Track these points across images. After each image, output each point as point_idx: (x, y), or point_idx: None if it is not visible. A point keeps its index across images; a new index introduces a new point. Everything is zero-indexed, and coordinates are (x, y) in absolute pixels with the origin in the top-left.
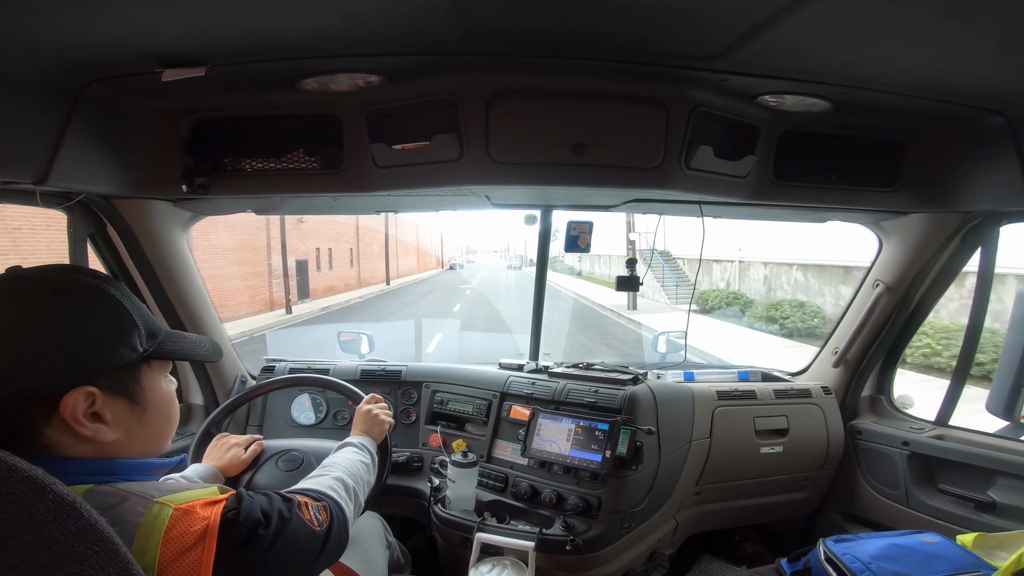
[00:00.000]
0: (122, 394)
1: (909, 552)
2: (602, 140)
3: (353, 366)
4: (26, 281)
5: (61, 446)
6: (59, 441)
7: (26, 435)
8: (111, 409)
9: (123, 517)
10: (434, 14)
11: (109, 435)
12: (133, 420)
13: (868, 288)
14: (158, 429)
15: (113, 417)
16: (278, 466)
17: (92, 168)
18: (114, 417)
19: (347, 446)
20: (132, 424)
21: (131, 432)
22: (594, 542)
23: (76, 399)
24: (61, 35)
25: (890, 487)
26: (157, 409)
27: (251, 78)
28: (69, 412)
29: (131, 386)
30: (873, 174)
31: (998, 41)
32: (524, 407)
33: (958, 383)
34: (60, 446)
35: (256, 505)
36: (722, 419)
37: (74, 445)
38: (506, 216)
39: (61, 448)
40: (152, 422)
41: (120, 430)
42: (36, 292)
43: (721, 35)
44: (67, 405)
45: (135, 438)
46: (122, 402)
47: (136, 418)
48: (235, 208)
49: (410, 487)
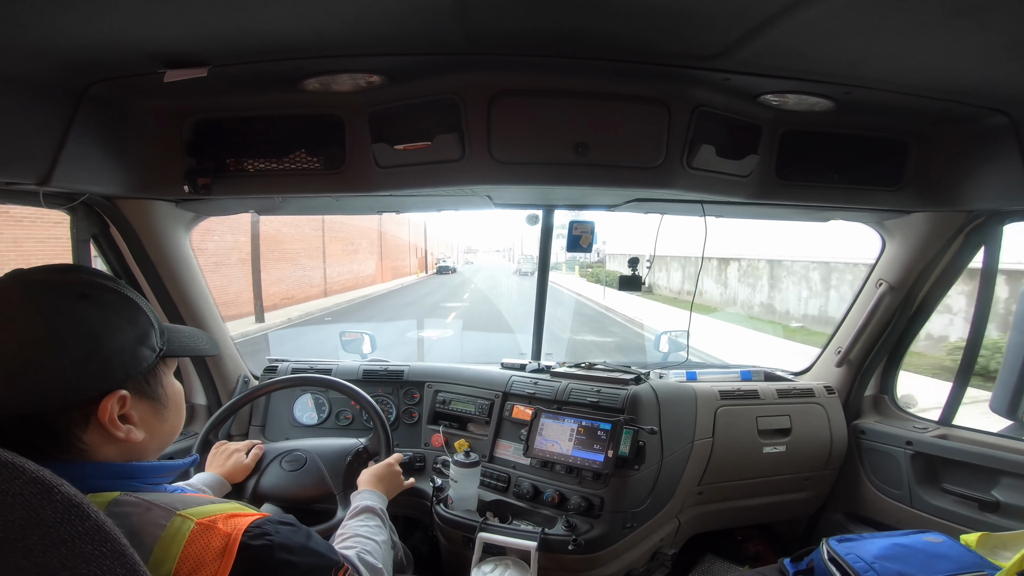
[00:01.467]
0: (147, 394)
1: (913, 552)
2: (604, 140)
3: (355, 366)
4: (46, 285)
5: (95, 450)
6: (94, 445)
7: (64, 440)
8: (138, 410)
9: (145, 528)
10: (436, 14)
11: (139, 435)
12: (155, 418)
13: (871, 287)
14: (175, 424)
15: (140, 418)
16: (282, 466)
17: (95, 169)
18: (140, 418)
19: (370, 513)
20: (154, 422)
21: (153, 430)
22: (596, 542)
23: (112, 404)
24: (64, 36)
25: (894, 487)
26: (174, 405)
27: (253, 78)
28: (108, 417)
29: (154, 386)
30: (876, 173)
31: (1002, 40)
32: (526, 407)
33: (961, 383)
34: (94, 450)
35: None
36: (725, 419)
37: (106, 448)
38: (511, 211)
39: (94, 452)
40: (170, 418)
41: (145, 430)
42: (64, 297)
43: (723, 34)
44: (105, 410)
45: (156, 435)
46: (146, 402)
47: (158, 416)
48: (237, 208)
49: (412, 487)
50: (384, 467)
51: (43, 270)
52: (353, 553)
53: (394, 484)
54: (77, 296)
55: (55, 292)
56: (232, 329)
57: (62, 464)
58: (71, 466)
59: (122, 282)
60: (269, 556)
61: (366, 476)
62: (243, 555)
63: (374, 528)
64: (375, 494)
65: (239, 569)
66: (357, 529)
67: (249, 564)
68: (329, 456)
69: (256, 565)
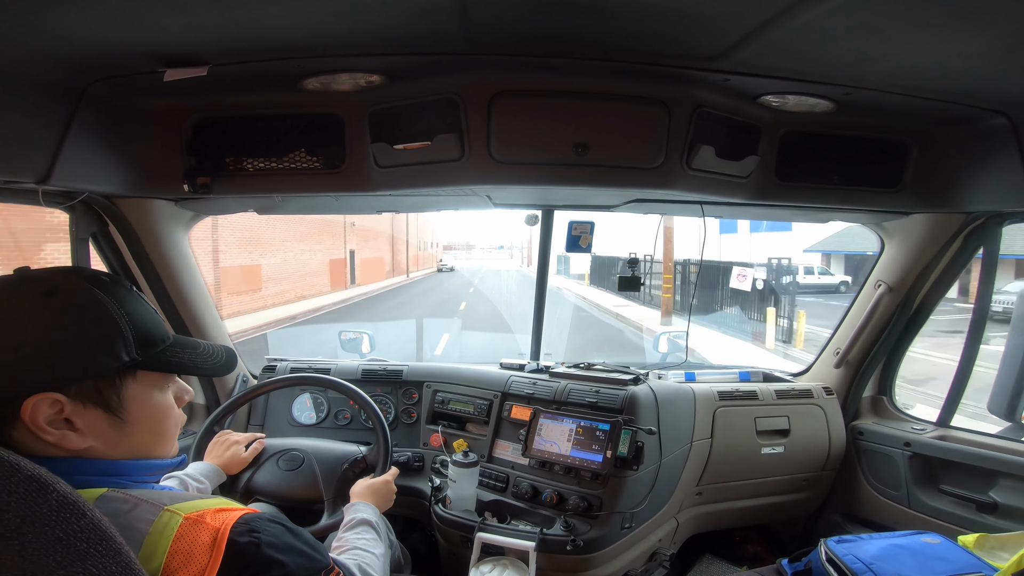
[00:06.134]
0: (97, 403)
1: (910, 553)
2: (604, 140)
3: (354, 365)
4: (26, 282)
5: (29, 448)
6: (25, 443)
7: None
8: (83, 417)
9: (133, 524)
10: (436, 14)
11: (78, 443)
12: (112, 430)
13: (870, 288)
14: (145, 440)
15: (86, 425)
16: (279, 465)
17: (94, 167)
18: (87, 425)
19: (368, 527)
20: (111, 433)
21: (110, 442)
22: (595, 542)
23: (37, 405)
24: (64, 35)
25: (892, 488)
26: (140, 421)
27: (253, 78)
28: (28, 417)
29: (107, 395)
30: (876, 174)
31: (1001, 42)
32: (525, 407)
33: (960, 384)
34: (29, 448)
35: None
36: (723, 419)
37: (42, 448)
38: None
39: (30, 450)
40: (135, 433)
41: (96, 438)
42: (29, 293)
43: (723, 35)
44: (26, 410)
45: (117, 447)
46: (96, 411)
47: (115, 428)
48: (237, 208)
49: (411, 487)
50: (381, 483)
51: (44, 270)
52: (354, 564)
53: (388, 500)
54: (40, 293)
55: (25, 287)
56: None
57: (45, 459)
58: (52, 460)
59: (117, 285)
60: (257, 553)
61: (361, 489)
62: (231, 551)
63: (372, 541)
64: (370, 507)
65: (228, 564)
66: (355, 542)
67: (237, 560)
68: (326, 460)
69: (244, 561)
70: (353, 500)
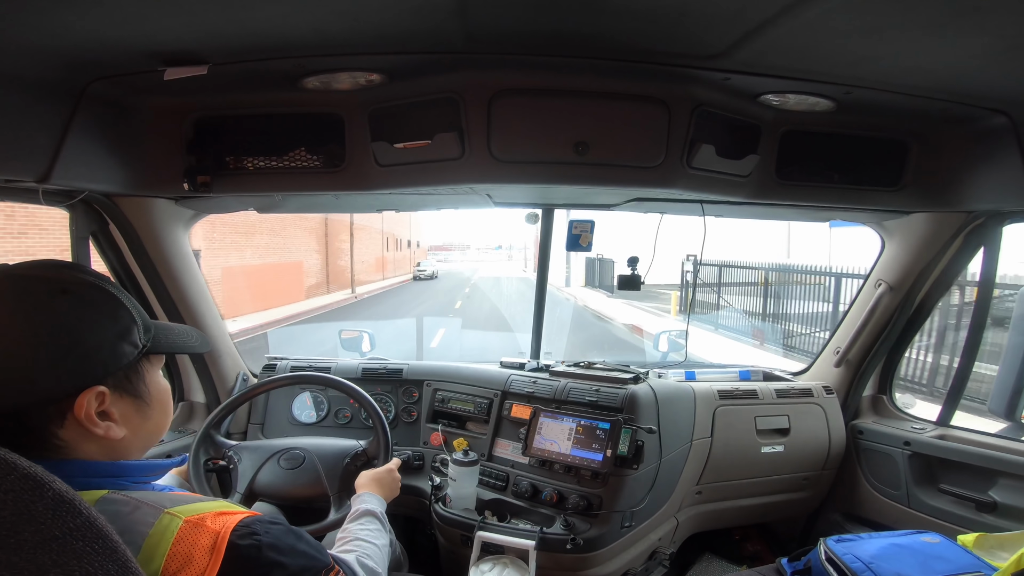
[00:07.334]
0: (128, 391)
1: (910, 552)
2: (604, 139)
3: (355, 364)
4: (27, 280)
5: (73, 447)
6: (72, 442)
7: (39, 438)
8: (118, 407)
9: (133, 527)
10: (436, 13)
11: (119, 432)
12: (138, 416)
13: (870, 288)
14: (159, 422)
15: (121, 415)
16: (280, 464)
17: (94, 166)
18: (121, 415)
19: (371, 517)
20: (137, 420)
21: (136, 428)
22: (595, 541)
23: (89, 400)
24: (64, 34)
25: (891, 487)
26: (158, 403)
27: (253, 76)
28: (84, 413)
29: (136, 383)
30: (876, 173)
31: (1002, 41)
32: (525, 406)
33: (959, 384)
34: (72, 447)
35: (281, 545)
36: (723, 418)
37: (86, 445)
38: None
39: (73, 449)
40: (154, 416)
41: (127, 427)
42: (43, 293)
43: (723, 34)
44: (81, 406)
45: (139, 434)
46: (128, 399)
47: (141, 414)
48: (237, 206)
49: (411, 485)
50: (384, 472)
51: (25, 266)
52: (353, 557)
53: (393, 489)
54: (57, 292)
55: (32, 287)
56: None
57: (46, 462)
58: (56, 464)
59: (106, 279)
60: (258, 555)
61: (365, 479)
62: (232, 554)
63: (375, 532)
64: (375, 497)
65: (228, 567)
66: (358, 533)
67: (238, 563)
68: (327, 456)
69: (245, 564)
70: (359, 491)
